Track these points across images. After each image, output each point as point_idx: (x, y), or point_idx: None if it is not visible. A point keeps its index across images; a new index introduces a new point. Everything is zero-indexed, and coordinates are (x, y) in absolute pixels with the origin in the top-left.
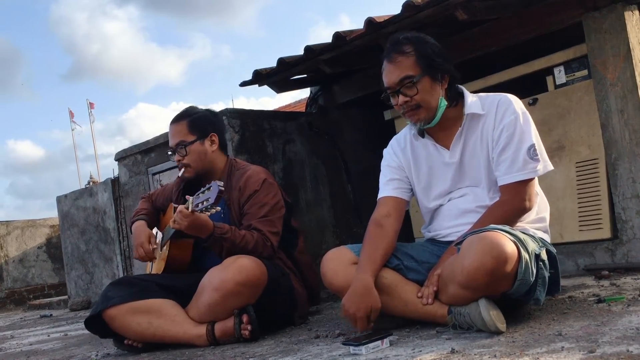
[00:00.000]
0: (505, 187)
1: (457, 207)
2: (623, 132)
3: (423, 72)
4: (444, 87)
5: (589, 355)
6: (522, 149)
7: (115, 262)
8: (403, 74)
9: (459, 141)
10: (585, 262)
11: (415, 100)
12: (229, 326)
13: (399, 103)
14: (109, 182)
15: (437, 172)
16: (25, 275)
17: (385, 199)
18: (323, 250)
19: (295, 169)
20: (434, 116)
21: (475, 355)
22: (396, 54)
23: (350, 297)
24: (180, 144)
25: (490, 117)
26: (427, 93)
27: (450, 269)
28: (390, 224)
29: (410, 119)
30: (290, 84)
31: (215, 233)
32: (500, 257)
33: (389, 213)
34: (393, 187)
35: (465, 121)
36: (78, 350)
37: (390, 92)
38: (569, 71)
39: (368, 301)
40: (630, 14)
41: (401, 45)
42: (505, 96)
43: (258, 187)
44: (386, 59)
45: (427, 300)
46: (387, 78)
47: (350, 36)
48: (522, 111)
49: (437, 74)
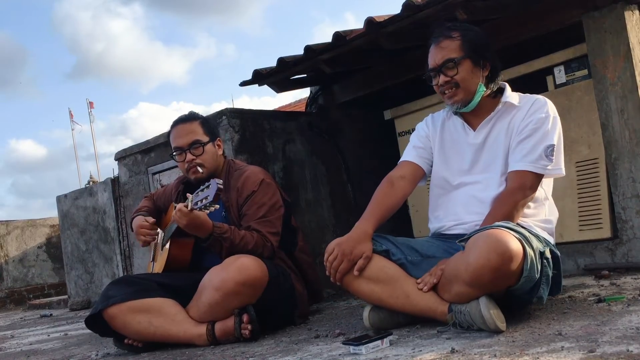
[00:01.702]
0: (514, 173)
1: (467, 194)
2: (623, 132)
3: (466, 55)
4: (485, 74)
5: (589, 355)
6: (542, 145)
7: (115, 262)
8: (447, 55)
9: (487, 125)
10: (585, 262)
11: (455, 80)
12: (229, 326)
13: (439, 82)
14: (108, 181)
15: (459, 150)
16: (25, 275)
17: (405, 163)
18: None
19: (295, 168)
20: (471, 99)
21: (475, 355)
22: (443, 37)
23: (345, 239)
24: (197, 143)
25: (523, 111)
26: (468, 75)
27: (455, 267)
28: (402, 186)
29: (448, 100)
30: (290, 83)
31: (214, 232)
32: (506, 254)
33: (404, 175)
34: (416, 153)
35: (499, 108)
36: (78, 350)
37: (432, 73)
38: (569, 71)
39: (362, 246)
40: (630, 13)
41: (449, 31)
42: (543, 98)
43: (256, 187)
44: (433, 42)
45: (423, 285)
46: (431, 59)
47: (350, 36)
48: (554, 114)
49: (479, 59)
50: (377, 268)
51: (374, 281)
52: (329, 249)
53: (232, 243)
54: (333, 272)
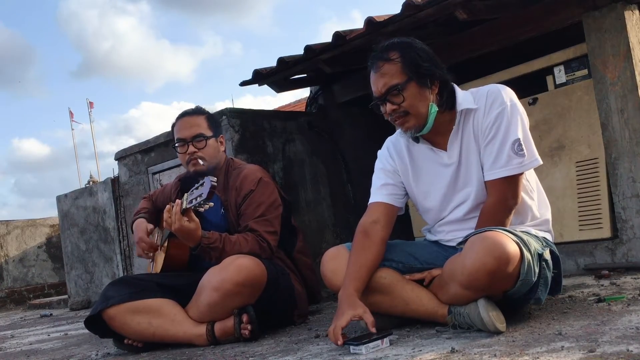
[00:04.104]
0: (489, 183)
1: (458, 214)
2: (623, 132)
3: (409, 78)
4: (434, 92)
5: (589, 355)
6: (507, 143)
7: (115, 262)
8: (389, 82)
9: (455, 140)
10: (585, 262)
11: (403, 108)
12: (228, 326)
13: (387, 111)
14: (108, 181)
15: (437, 175)
16: (25, 275)
17: (376, 205)
18: (323, 250)
19: (295, 168)
20: (424, 123)
21: (475, 354)
22: (381, 61)
23: (335, 320)
24: (200, 136)
25: (481, 110)
26: (415, 100)
27: (452, 269)
28: (377, 231)
29: (400, 127)
30: (290, 83)
31: (202, 243)
32: (502, 257)
33: (378, 220)
34: (386, 192)
35: (459, 118)
36: (78, 350)
37: (378, 101)
38: (569, 71)
39: (352, 313)
40: (630, 13)
41: (386, 52)
42: (494, 86)
43: (254, 186)
44: (372, 68)
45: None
46: (374, 87)
47: (350, 36)
48: (510, 102)
49: (425, 79)
50: (374, 278)
51: (371, 291)
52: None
53: (222, 252)
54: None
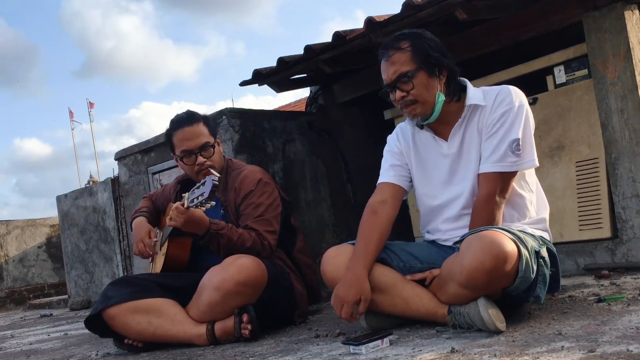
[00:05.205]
0: (481, 176)
1: (454, 209)
2: (623, 132)
3: (419, 67)
4: (442, 82)
5: (589, 355)
6: (506, 141)
7: (115, 262)
8: (399, 70)
9: (457, 132)
10: (585, 262)
11: (412, 95)
12: (229, 325)
13: (396, 99)
14: (108, 181)
15: (436, 164)
16: (25, 275)
17: (384, 185)
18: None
19: (295, 168)
20: (431, 111)
21: (475, 354)
22: (392, 50)
23: (341, 285)
24: (207, 145)
25: (488, 107)
26: (424, 88)
27: (450, 268)
28: (385, 211)
29: (408, 114)
30: (290, 83)
31: (211, 229)
32: (500, 255)
33: (385, 200)
34: (393, 173)
35: (466, 112)
36: (78, 350)
37: (387, 89)
38: (569, 71)
39: (359, 289)
40: (630, 13)
41: (397, 42)
42: (506, 87)
43: (253, 187)
44: (383, 57)
45: (416, 277)
46: (384, 75)
47: (350, 36)
48: (519, 103)
49: (433, 68)
50: (374, 276)
51: (371, 290)
52: (332, 302)
53: (229, 240)
54: (343, 317)
